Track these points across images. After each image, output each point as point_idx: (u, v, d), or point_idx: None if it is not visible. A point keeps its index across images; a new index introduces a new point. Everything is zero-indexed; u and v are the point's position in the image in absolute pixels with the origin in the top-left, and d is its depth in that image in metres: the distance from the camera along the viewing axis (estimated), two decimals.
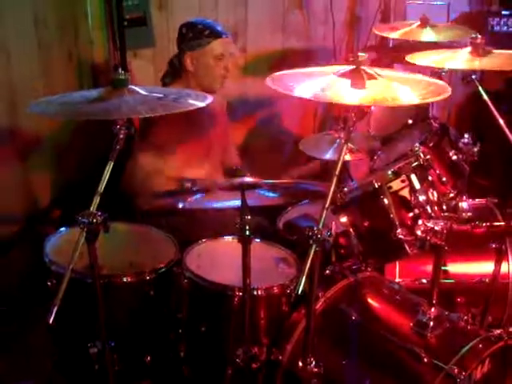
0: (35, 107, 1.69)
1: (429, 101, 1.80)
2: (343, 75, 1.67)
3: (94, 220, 1.55)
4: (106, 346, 1.78)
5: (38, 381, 2.42)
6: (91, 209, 1.57)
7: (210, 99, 1.76)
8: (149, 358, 2.15)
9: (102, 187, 1.60)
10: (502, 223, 2.22)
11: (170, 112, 1.65)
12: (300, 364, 1.69)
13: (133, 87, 1.72)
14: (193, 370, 2.20)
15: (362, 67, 1.67)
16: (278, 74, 1.81)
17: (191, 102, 1.73)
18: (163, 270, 2.13)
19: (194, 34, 2.60)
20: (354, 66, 1.67)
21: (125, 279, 2.06)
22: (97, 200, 1.59)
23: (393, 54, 3.74)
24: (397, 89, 1.68)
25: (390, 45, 3.93)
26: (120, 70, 1.74)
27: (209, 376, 2.18)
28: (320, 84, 1.68)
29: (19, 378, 2.40)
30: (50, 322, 1.43)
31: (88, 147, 2.99)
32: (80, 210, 1.59)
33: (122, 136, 1.67)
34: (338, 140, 2.55)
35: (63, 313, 1.49)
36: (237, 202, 1.85)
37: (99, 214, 1.57)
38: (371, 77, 1.66)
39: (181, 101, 1.74)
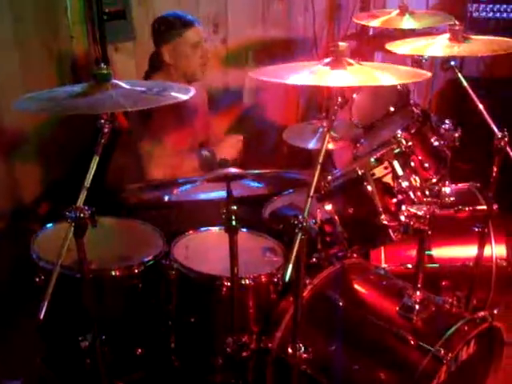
0: (19, 104, 1.68)
1: (408, 81, 1.83)
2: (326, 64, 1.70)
3: (82, 215, 1.55)
4: (96, 340, 1.78)
5: (27, 378, 2.42)
6: (78, 204, 1.57)
7: (193, 91, 1.76)
8: (139, 351, 2.17)
9: (88, 182, 1.60)
10: (485, 207, 2.26)
11: (153, 106, 1.65)
12: (289, 350, 1.71)
13: (116, 81, 1.72)
14: (183, 360, 2.21)
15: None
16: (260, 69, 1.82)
17: (174, 94, 1.73)
18: (151, 262, 2.14)
19: (167, 27, 2.64)
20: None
21: (113, 273, 2.07)
22: (83, 195, 1.59)
23: (373, 43, 3.76)
24: (377, 73, 1.72)
25: (371, 33, 3.95)
26: (102, 64, 1.73)
27: (200, 366, 2.20)
28: (305, 72, 1.70)
29: (8, 375, 2.40)
30: (41, 317, 1.43)
31: (72, 142, 2.98)
32: (66, 205, 1.59)
33: (106, 130, 1.67)
34: (320, 129, 2.57)
35: (52, 308, 1.48)
36: (222, 193, 1.87)
37: (86, 208, 1.57)
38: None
39: (164, 94, 1.74)
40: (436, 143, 2.23)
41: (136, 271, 2.10)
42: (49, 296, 1.47)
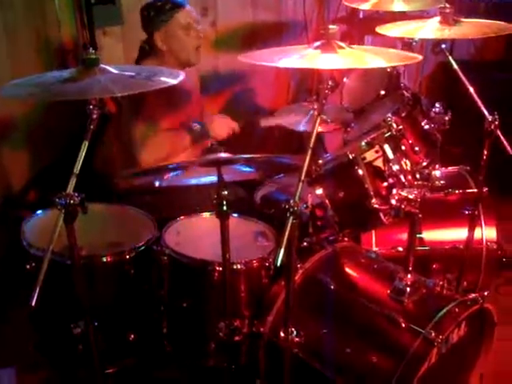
0: (6, 91, 1.66)
1: (398, 64, 1.82)
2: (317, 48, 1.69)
3: (72, 201, 1.55)
4: (88, 327, 1.78)
5: (21, 365, 2.42)
6: (68, 190, 1.56)
7: (182, 76, 1.75)
8: (132, 336, 2.17)
9: (77, 168, 1.59)
10: (475, 190, 2.27)
11: (143, 90, 1.64)
12: (281, 334, 1.71)
13: (104, 66, 1.70)
14: (176, 345, 2.22)
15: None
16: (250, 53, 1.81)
17: (164, 79, 1.71)
18: (142, 248, 2.13)
19: (156, 12, 2.59)
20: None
21: (104, 259, 2.06)
22: (73, 181, 1.58)
23: (363, 26, 3.74)
24: (368, 57, 1.71)
25: (361, 16, 3.93)
26: (90, 48, 1.71)
27: (192, 351, 2.21)
28: (296, 56, 1.69)
29: (2, 363, 2.40)
30: (33, 304, 1.43)
31: (61, 128, 2.96)
32: (56, 191, 1.58)
33: (95, 116, 1.66)
34: (311, 111, 2.56)
35: (44, 295, 1.48)
36: (213, 178, 1.86)
37: (76, 195, 1.56)
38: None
39: (154, 79, 1.72)
40: (426, 126, 2.23)
41: (127, 257, 2.10)
42: (40, 283, 1.47)
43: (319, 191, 2.09)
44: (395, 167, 2.05)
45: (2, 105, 2.68)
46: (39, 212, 2.29)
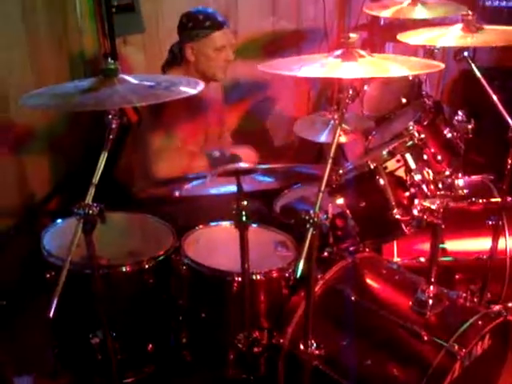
0: (27, 100, 1.67)
1: (420, 72, 1.79)
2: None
3: (90, 211, 1.55)
4: (107, 336, 1.78)
5: (40, 373, 2.43)
6: (87, 200, 1.56)
7: (201, 86, 1.74)
8: (150, 346, 2.16)
9: (96, 178, 1.59)
10: (499, 199, 2.23)
11: (162, 100, 1.63)
12: (301, 346, 1.69)
13: (123, 76, 1.70)
14: (195, 355, 2.21)
15: None
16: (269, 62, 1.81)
17: (183, 89, 1.71)
18: (162, 257, 2.13)
19: (194, 25, 2.57)
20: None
21: (124, 269, 2.06)
22: (92, 191, 1.58)
23: (384, 33, 3.72)
24: (389, 65, 1.70)
25: (381, 23, 3.90)
26: (110, 59, 1.72)
27: (211, 361, 2.20)
28: (316, 65, 1.68)
29: (21, 370, 2.40)
30: (51, 315, 1.43)
31: (82, 136, 2.98)
32: (76, 200, 1.59)
33: (114, 126, 1.67)
34: (331, 121, 2.54)
35: (63, 305, 1.48)
36: (232, 188, 1.85)
37: (95, 205, 1.56)
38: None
39: (173, 89, 1.72)
40: (449, 135, 2.21)
41: (146, 267, 2.10)
42: (58, 294, 1.47)
43: (340, 201, 2.07)
44: (417, 177, 2.02)
45: (24, 114, 2.71)
46: (59, 221, 2.30)
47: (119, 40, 3.03)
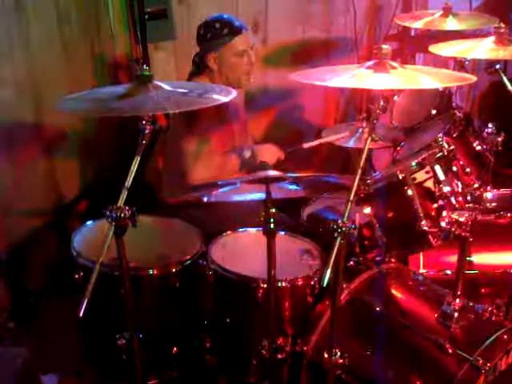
0: (63, 104, 1.71)
1: (451, 85, 1.79)
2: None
3: (122, 214, 1.57)
4: (133, 337, 1.80)
5: (67, 371, 2.46)
6: (119, 203, 1.59)
7: (234, 94, 1.76)
8: (175, 349, 2.18)
9: (129, 182, 1.62)
10: None
11: (195, 108, 1.66)
12: (325, 355, 1.70)
13: (157, 83, 1.73)
14: (218, 360, 2.22)
15: None
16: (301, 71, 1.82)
17: (216, 97, 1.73)
18: (189, 262, 2.15)
19: (213, 34, 2.57)
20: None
21: (151, 272, 2.08)
22: (124, 194, 1.61)
23: (415, 44, 3.71)
24: (420, 77, 1.70)
25: (412, 34, 3.90)
26: (143, 65, 1.74)
27: (234, 367, 2.21)
28: (347, 75, 1.70)
29: (48, 368, 2.44)
30: (81, 315, 1.46)
31: (113, 141, 3.02)
32: (106, 202, 1.61)
33: (147, 131, 1.69)
34: (360, 129, 2.55)
35: (91, 305, 1.51)
36: (259, 195, 1.86)
37: (127, 208, 1.59)
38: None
39: (206, 96, 1.74)
40: (478, 147, 2.20)
41: (173, 270, 2.12)
42: (89, 294, 1.49)
43: (367, 210, 2.08)
44: (446, 189, 2.01)
45: (57, 117, 2.75)
46: (89, 222, 2.34)
47: (150, 46, 3.07)
